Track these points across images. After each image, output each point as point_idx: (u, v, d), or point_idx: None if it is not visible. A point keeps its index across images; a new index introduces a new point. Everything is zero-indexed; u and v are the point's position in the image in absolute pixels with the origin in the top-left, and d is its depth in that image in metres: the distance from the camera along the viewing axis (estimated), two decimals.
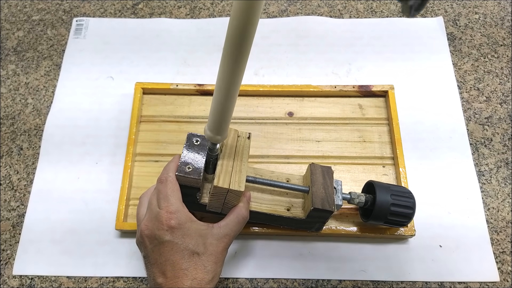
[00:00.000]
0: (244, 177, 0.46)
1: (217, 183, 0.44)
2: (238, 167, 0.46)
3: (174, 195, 0.43)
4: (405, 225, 0.52)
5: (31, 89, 0.68)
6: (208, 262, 0.42)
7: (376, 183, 0.51)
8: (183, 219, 0.42)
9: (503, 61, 0.69)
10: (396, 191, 0.51)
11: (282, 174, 0.53)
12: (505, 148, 0.62)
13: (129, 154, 0.59)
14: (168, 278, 0.41)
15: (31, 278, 0.54)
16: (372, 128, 0.63)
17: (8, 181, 0.61)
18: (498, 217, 0.58)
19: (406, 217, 0.50)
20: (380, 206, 0.50)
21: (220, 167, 0.46)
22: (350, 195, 0.51)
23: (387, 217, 0.50)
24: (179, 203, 0.43)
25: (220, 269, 0.44)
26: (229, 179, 0.45)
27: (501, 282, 0.53)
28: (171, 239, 0.41)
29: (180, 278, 0.41)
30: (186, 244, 0.42)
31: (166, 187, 0.44)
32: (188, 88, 0.64)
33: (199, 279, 0.41)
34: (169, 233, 0.42)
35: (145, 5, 0.76)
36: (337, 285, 0.54)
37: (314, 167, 0.51)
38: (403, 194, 0.51)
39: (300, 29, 0.73)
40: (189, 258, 0.41)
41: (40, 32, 0.74)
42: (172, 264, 0.41)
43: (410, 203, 0.50)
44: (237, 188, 0.44)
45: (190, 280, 0.41)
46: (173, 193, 0.43)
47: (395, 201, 0.50)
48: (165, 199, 0.43)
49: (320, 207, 0.47)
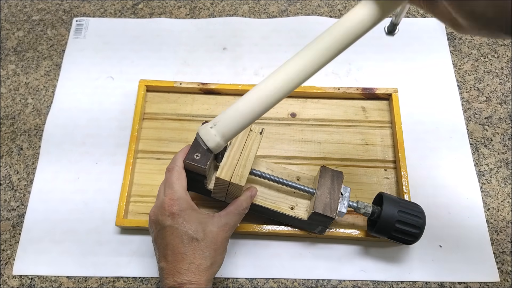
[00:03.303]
0: (247, 172, 0.46)
1: (219, 175, 0.46)
2: (244, 161, 0.47)
3: (179, 183, 0.45)
4: (410, 243, 0.50)
5: (31, 89, 0.68)
6: (206, 249, 0.43)
7: (386, 196, 0.50)
8: (184, 206, 0.44)
9: (503, 61, 0.69)
10: (406, 207, 0.48)
11: (294, 172, 0.54)
12: (505, 148, 0.62)
13: (131, 151, 0.59)
14: (169, 262, 0.43)
15: (31, 278, 0.54)
16: (375, 131, 0.63)
17: (8, 181, 0.61)
18: (498, 217, 0.58)
19: (412, 236, 0.48)
20: (385, 221, 0.48)
21: (225, 159, 0.47)
22: (357, 204, 0.50)
23: (391, 233, 0.48)
24: (182, 191, 0.45)
25: (220, 258, 0.45)
26: (232, 172, 0.46)
27: (501, 282, 0.53)
28: (172, 224, 0.43)
29: (179, 262, 0.42)
30: (185, 229, 0.43)
31: (172, 176, 0.46)
32: (191, 86, 0.64)
33: (197, 263, 0.42)
34: (170, 219, 0.43)
35: (145, 5, 0.76)
36: (337, 285, 0.54)
37: (325, 170, 0.50)
38: (412, 212, 0.48)
39: (300, 29, 0.73)
40: (188, 243, 0.43)
41: (40, 32, 0.74)
42: (172, 248, 0.43)
43: (418, 223, 0.48)
44: (238, 182, 0.45)
45: (187, 264, 0.42)
46: (178, 181, 0.45)
47: (402, 218, 0.48)
48: (170, 187, 0.45)
49: (321, 212, 0.47)
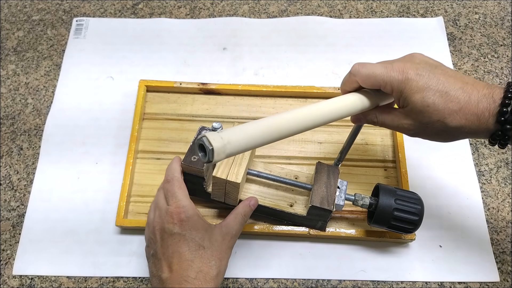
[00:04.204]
0: (243, 170, 0.48)
1: (215, 174, 0.47)
2: (239, 160, 0.49)
3: (181, 192, 0.45)
4: (410, 232, 0.50)
5: (31, 89, 0.68)
6: (212, 257, 0.43)
7: (382, 186, 0.50)
8: (191, 213, 0.44)
9: (503, 61, 0.69)
10: (402, 196, 0.49)
11: (292, 171, 0.54)
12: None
13: (131, 151, 0.59)
14: (174, 271, 0.42)
15: (31, 278, 0.54)
16: (375, 131, 0.63)
17: (8, 181, 0.61)
18: (498, 217, 0.58)
19: (411, 223, 0.48)
20: (382, 210, 0.48)
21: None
22: (355, 196, 0.50)
23: (390, 222, 0.48)
24: (186, 199, 0.45)
25: (224, 268, 0.44)
26: (228, 171, 0.48)
27: (501, 282, 0.53)
28: (180, 231, 0.43)
29: (186, 270, 0.41)
30: (193, 236, 0.43)
31: (173, 186, 0.46)
32: (191, 86, 0.64)
33: (204, 272, 0.42)
34: (178, 226, 0.43)
35: (145, 5, 0.76)
36: (337, 285, 0.54)
37: (320, 166, 0.51)
38: (409, 199, 0.49)
39: (300, 29, 0.73)
40: (195, 250, 0.42)
41: (40, 32, 0.74)
42: (178, 256, 0.42)
43: (416, 210, 0.48)
44: (234, 179, 0.47)
45: (195, 272, 0.41)
46: (180, 190, 0.46)
47: (400, 206, 0.48)
48: (173, 196, 0.45)
49: (319, 205, 0.48)
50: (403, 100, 0.41)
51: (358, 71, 0.43)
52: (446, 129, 0.40)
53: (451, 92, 0.39)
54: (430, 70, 0.40)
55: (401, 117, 0.43)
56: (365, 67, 0.43)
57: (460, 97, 0.39)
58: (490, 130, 0.39)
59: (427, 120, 0.40)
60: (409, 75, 0.40)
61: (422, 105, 0.40)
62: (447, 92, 0.39)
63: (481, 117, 0.38)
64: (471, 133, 0.40)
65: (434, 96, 0.39)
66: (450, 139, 0.42)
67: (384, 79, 0.41)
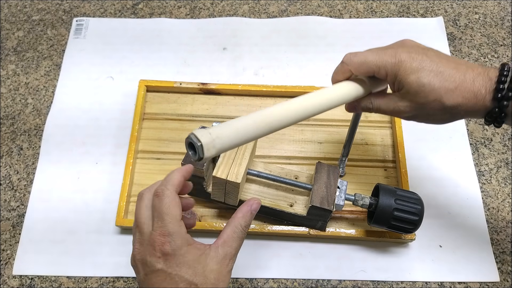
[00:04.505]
0: (242, 170, 0.48)
1: (215, 173, 0.47)
2: (239, 160, 0.49)
3: (170, 214, 0.37)
4: (410, 232, 0.50)
5: (31, 89, 0.68)
6: None
7: (382, 186, 0.50)
8: (178, 244, 0.36)
9: (503, 61, 0.69)
10: (402, 196, 0.49)
11: (292, 171, 0.55)
12: (505, 148, 0.62)
13: (131, 151, 0.59)
14: None
15: (31, 278, 0.54)
16: (375, 131, 0.63)
17: (8, 181, 0.61)
18: (498, 217, 0.58)
19: (411, 223, 0.48)
20: (382, 210, 0.48)
21: (221, 159, 0.48)
22: (355, 196, 0.50)
23: (389, 221, 0.48)
24: (175, 223, 0.37)
25: None
26: (228, 171, 0.48)
27: (501, 282, 0.53)
28: (164, 268, 0.36)
29: None
30: (182, 274, 0.36)
31: (161, 204, 0.37)
32: (191, 86, 0.64)
33: None
34: (162, 261, 0.36)
35: (145, 5, 0.76)
36: (337, 285, 0.54)
37: (320, 166, 0.52)
38: (409, 199, 0.49)
39: (300, 29, 0.73)
40: None
41: (40, 32, 0.74)
42: None
43: (416, 210, 0.48)
44: (234, 179, 0.47)
45: None
46: (169, 210, 0.37)
47: (400, 206, 0.48)
48: (160, 218, 0.37)
49: (319, 205, 0.48)
50: (398, 83, 0.41)
51: (350, 59, 0.43)
52: (443, 109, 0.39)
53: (446, 71, 0.38)
54: (423, 52, 0.40)
55: (397, 100, 0.42)
56: (357, 56, 0.42)
57: (455, 75, 0.38)
58: (487, 108, 0.38)
59: (424, 101, 0.39)
60: (402, 57, 0.40)
61: (418, 85, 0.39)
62: (442, 71, 0.38)
63: (478, 94, 0.38)
64: (468, 112, 0.39)
65: (429, 76, 0.39)
66: (447, 120, 0.41)
67: (377, 64, 0.41)
